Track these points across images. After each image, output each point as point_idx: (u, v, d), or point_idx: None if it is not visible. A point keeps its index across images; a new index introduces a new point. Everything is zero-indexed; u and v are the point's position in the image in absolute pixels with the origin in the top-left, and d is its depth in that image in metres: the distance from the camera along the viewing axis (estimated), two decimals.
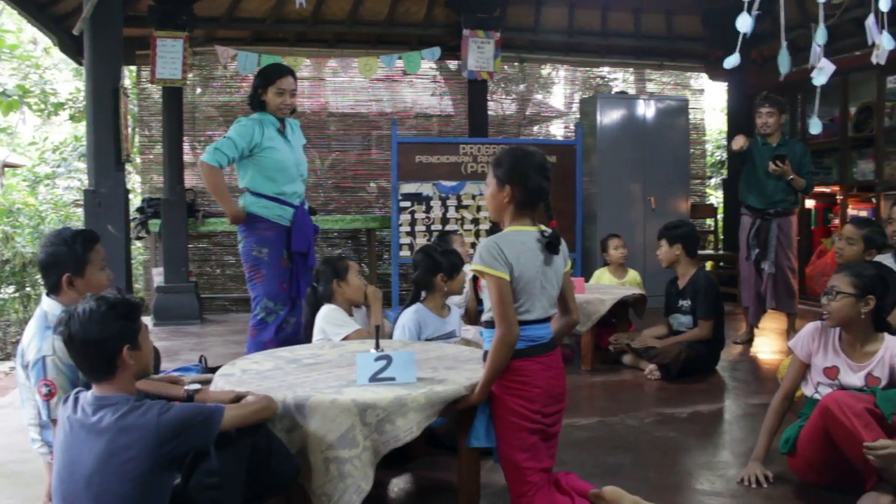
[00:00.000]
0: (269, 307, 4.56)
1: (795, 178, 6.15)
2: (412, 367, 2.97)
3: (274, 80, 4.57)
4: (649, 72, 10.59)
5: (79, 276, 3.06)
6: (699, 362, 5.42)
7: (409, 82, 9.59)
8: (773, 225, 6.30)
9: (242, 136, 4.48)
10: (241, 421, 2.52)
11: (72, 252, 3.04)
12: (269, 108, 4.60)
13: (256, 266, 4.57)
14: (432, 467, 3.71)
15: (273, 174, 4.58)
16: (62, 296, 3.06)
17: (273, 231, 4.57)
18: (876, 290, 3.27)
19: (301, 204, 4.72)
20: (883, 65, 5.07)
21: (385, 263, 9.19)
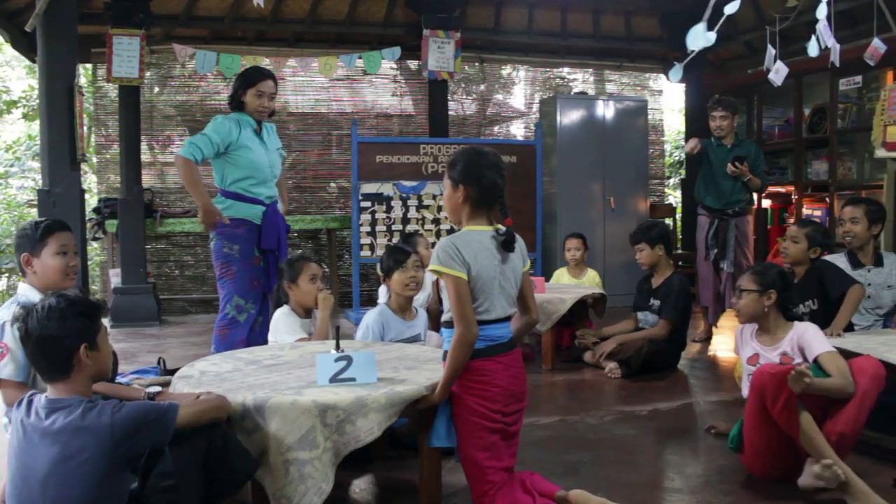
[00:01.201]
0: (240, 305, 4.54)
1: (752, 178, 6.27)
2: (373, 368, 2.96)
3: (254, 83, 4.60)
4: (608, 72, 10.67)
5: (35, 257, 3.16)
6: (660, 359, 5.48)
7: (369, 82, 9.56)
8: (732, 224, 6.40)
9: (219, 133, 4.50)
10: (195, 418, 2.50)
11: (32, 234, 3.17)
12: (248, 109, 4.64)
13: (227, 263, 4.56)
14: (394, 468, 3.70)
15: (247, 174, 4.58)
16: (27, 277, 3.19)
17: (244, 228, 4.58)
18: (776, 286, 3.59)
19: (273, 203, 4.73)
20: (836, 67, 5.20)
21: (346, 264, 9.15)
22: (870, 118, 6.54)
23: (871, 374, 3.27)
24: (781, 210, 8.82)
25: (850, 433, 3.24)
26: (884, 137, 6.17)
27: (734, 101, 6.58)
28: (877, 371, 3.30)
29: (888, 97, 6.10)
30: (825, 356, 3.38)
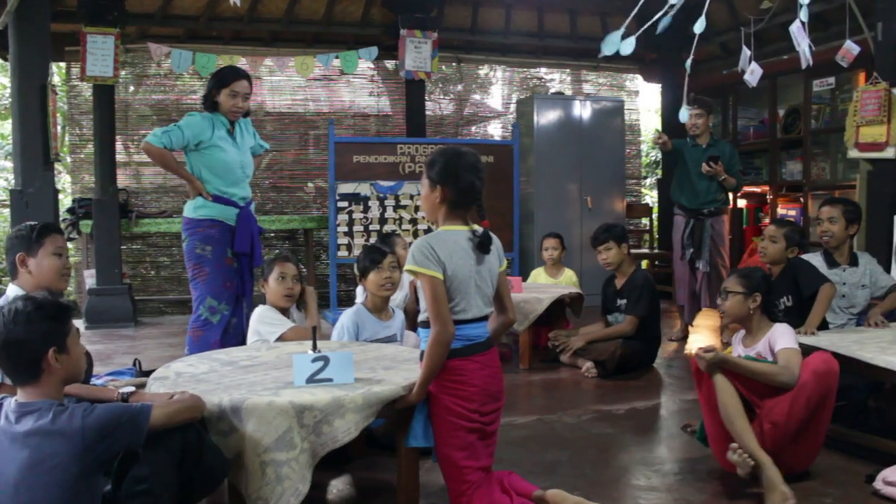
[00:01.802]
0: (213, 306, 4.51)
1: (727, 177, 6.31)
2: (350, 368, 2.95)
3: (228, 83, 4.56)
4: (585, 73, 10.71)
5: (31, 257, 3.20)
6: (635, 359, 5.51)
7: (346, 82, 9.53)
8: (707, 224, 6.44)
9: (190, 128, 4.47)
10: (169, 419, 2.48)
11: (27, 235, 3.23)
12: (222, 109, 4.59)
13: (200, 264, 4.52)
14: (371, 468, 3.70)
15: (219, 174, 4.55)
16: (19, 278, 3.22)
17: (217, 229, 4.54)
18: (761, 289, 3.64)
19: (247, 204, 4.69)
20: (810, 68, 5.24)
21: (323, 264, 9.12)
22: (843, 119, 6.60)
23: (812, 369, 3.32)
24: (757, 210, 8.89)
25: (781, 423, 3.28)
26: (856, 138, 6.24)
27: (709, 100, 6.62)
28: (819, 366, 3.34)
29: (860, 98, 6.17)
30: (781, 351, 3.43)
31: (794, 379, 3.30)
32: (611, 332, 5.56)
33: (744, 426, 3.26)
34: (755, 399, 3.35)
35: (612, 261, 5.65)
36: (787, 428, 3.29)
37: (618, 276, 5.73)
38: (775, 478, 3.14)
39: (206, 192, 4.51)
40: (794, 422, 3.29)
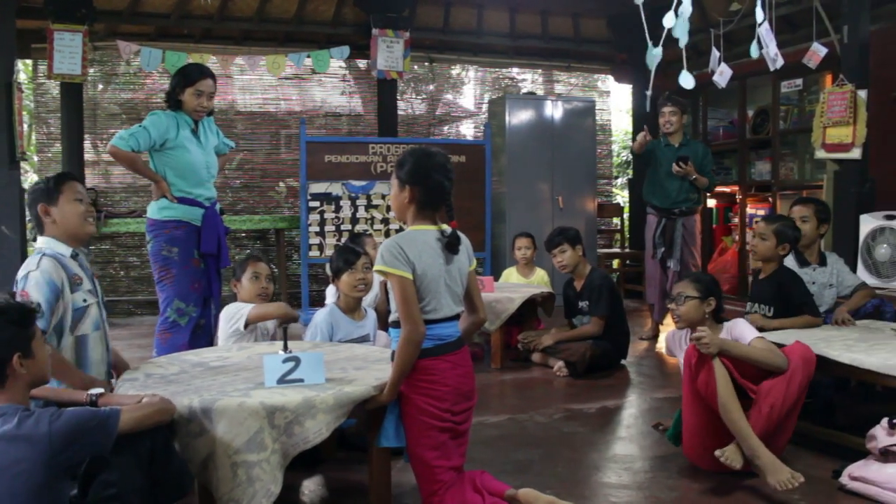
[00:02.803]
0: (181, 308, 4.45)
1: (698, 177, 6.37)
2: (321, 368, 2.95)
3: (193, 81, 4.49)
4: (557, 73, 10.75)
5: (53, 205, 3.24)
6: (606, 359, 5.54)
7: (318, 81, 9.49)
8: (679, 224, 6.49)
9: (156, 128, 4.39)
10: (138, 423, 2.45)
11: (46, 185, 3.27)
12: (186, 108, 4.52)
13: (166, 266, 4.45)
14: (343, 468, 3.69)
15: (183, 175, 4.49)
16: (46, 229, 3.26)
17: (183, 230, 4.47)
18: (715, 293, 3.75)
19: (212, 205, 4.64)
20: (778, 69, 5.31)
21: (294, 264, 9.08)
22: (810, 120, 6.68)
23: (799, 355, 3.45)
24: (726, 209, 8.98)
25: (778, 405, 3.36)
26: (823, 139, 6.32)
27: (684, 100, 6.65)
28: (804, 353, 3.48)
29: (827, 100, 6.25)
30: (756, 341, 3.52)
31: (786, 362, 3.42)
32: (579, 333, 5.59)
33: (740, 413, 3.31)
34: (750, 384, 3.41)
35: (568, 263, 5.68)
36: (781, 410, 3.37)
37: (576, 279, 5.77)
38: (774, 460, 3.21)
39: (170, 194, 4.45)
40: (788, 403, 3.38)
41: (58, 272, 3.10)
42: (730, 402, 3.32)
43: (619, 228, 10.34)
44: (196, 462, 2.68)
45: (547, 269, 6.79)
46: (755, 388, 3.41)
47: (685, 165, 6.28)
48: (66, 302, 3.11)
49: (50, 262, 3.09)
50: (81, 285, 3.23)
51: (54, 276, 3.06)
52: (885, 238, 5.59)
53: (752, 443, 3.26)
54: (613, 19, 9.54)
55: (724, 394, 3.33)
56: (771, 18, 4.81)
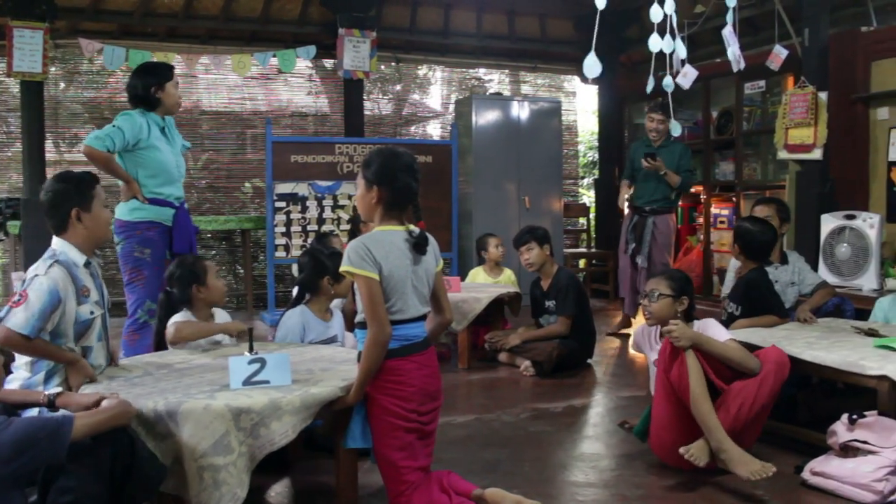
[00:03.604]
0: (152, 309, 4.38)
1: (669, 173, 6.50)
2: (287, 370, 2.93)
3: (171, 76, 4.51)
4: (524, 74, 10.79)
5: (86, 211, 3.20)
6: (572, 358, 5.57)
7: (284, 81, 9.43)
8: (649, 222, 6.63)
9: (131, 128, 4.34)
10: (94, 429, 2.40)
11: (78, 189, 3.20)
12: (167, 105, 4.51)
13: (138, 267, 4.40)
14: (310, 470, 3.67)
15: (155, 174, 4.45)
16: (70, 233, 3.19)
17: (155, 231, 4.43)
18: (688, 292, 3.78)
19: (181, 204, 4.61)
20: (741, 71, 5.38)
21: (260, 265, 9.02)
22: (773, 121, 6.76)
23: (773, 360, 3.49)
24: (691, 209, 9.05)
25: (747, 407, 3.41)
26: (786, 139, 6.41)
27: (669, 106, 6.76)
28: (779, 358, 3.52)
29: (789, 101, 6.34)
30: (729, 342, 3.54)
31: (759, 365, 3.46)
32: (546, 333, 5.62)
33: (710, 407, 3.35)
34: (722, 383, 3.45)
35: (534, 261, 5.72)
36: (749, 412, 3.41)
37: (543, 278, 5.80)
38: (742, 453, 3.26)
39: (142, 195, 4.40)
40: (758, 406, 3.42)
41: (65, 283, 3.02)
42: (701, 395, 3.35)
43: (585, 228, 10.40)
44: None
45: (514, 269, 6.82)
46: (726, 386, 3.45)
47: (653, 161, 6.43)
48: (69, 313, 3.04)
49: (60, 272, 3.02)
50: (89, 297, 3.16)
51: (60, 287, 2.98)
52: (845, 237, 5.68)
53: (720, 436, 3.29)
54: (580, 20, 9.59)
55: (696, 386, 3.36)
56: (734, 21, 4.86)
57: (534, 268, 5.76)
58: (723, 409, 3.41)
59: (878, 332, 4.00)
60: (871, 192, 6.36)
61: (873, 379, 3.40)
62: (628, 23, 9.09)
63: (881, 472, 3.16)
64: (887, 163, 6.19)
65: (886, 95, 6.24)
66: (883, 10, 7.09)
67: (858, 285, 5.54)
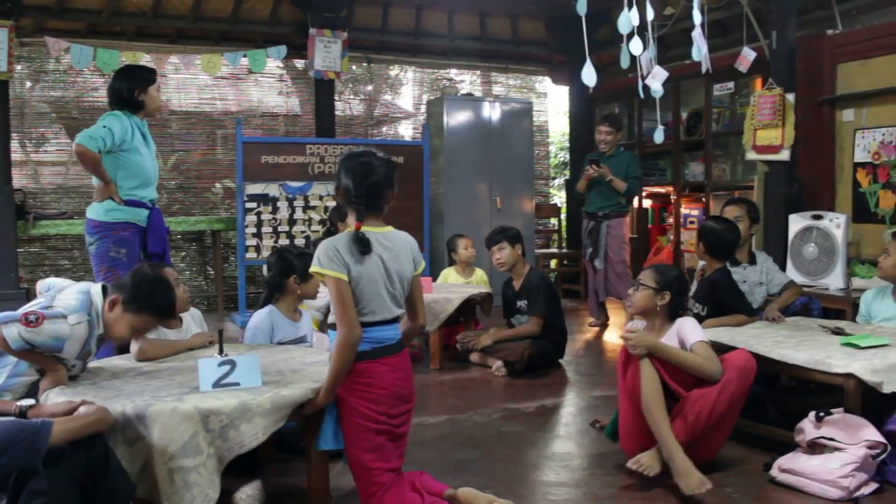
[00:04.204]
0: None
1: (614, 179, 6.90)
2: (257, 372, 2.91)
3: (154, 79, 4.52)
4: (495, 74, 10.81)
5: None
6: (544, 358, 5.59)
7: (254, 81, 9.37)
8: (604, 226, 7.04)
9: (119, 129, 4.35)
10: (71, 435, 2.39)
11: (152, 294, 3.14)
12: (150, 107, 4.53)
13: (113, 268, 4.38)
14: (282, 472, 3.66)
15: (133, 176, 4.45)
16: (116, 319, 3.09)
17: (130, 232, 4.45)
18: (672, 288, 3.69)
19: (154, 205, 4.63)
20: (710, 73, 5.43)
21: (231, 266, 8.96)
22: (741, 122, 6.83)
23: (736, 367, 3.47)
24: (661, 210, 9.12)
25: (705, 415, 3.39)
26: (754, 141, 6.48)
27: (620, 118, 7.39)
28: (744, 364, 3.50)
29: (757, 103, 6.41)
30: (696, 344, 3.53)
31: (719, 371, 3.43)
32: (518, 333, 5.64)
33: (662, 415, 3.35)
34: (680, 389, 3.45)
35: (506, 261, 5.74)
36: (708, 420, 3.41)
37: (514, 278, 5.83)
38: (687, 465, 3.25)
39: (118, 196, 4.39)
40: (716, 414, 3.41)
41: (76, 341, 2.94)
42: (653, 403, 3.35)
43: (556, 229, 10.44)
44: (134, 470, 2.64)
45: (485, 270, 6.83)
46: (685, 393, 3.45)
47: (598, 168, 6.83)
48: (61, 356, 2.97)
49: (82, 332, 2.94)
50: (81, 358, 3.09)
51: (69, 342, 2.90)
52: (812, 237, 5.75)
53: (670, 444, 3.30)
54: (551, 21, 9.64)
55: (647, 394, 3.37)
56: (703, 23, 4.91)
57: (505, 268, 5.78)
58: (680, 417, 3.41)
59: (844, 331, 4.05)
60: (837, 192, 6.45)
61: (840, 377, 3.45)
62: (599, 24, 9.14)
63: (847, 469, 3.20)
64: (853, 164, 6.29)
65: (851, 97, 6.34)
66: (848, 13, 7.21)
67: (825, 284, 5.61)
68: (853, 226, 6.06)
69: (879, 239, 5.95)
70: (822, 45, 6.55)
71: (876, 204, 6.12)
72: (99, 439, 2.50)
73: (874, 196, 6.14)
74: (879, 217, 6.09)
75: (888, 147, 6.00)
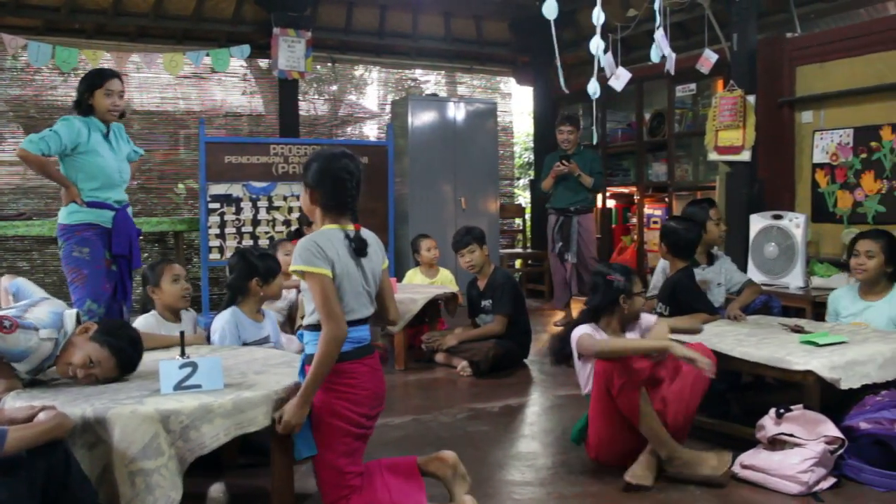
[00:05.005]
0: (92, 309, 4.36)
1: (583, 175, 7.05)
2: (219, 374, 2.88)
3: (101, 83, 4.44)
4: (460, 75, 10.82)
5: None
6: (509, 358, 5.60)
7: (217, 80, 9.28)
8: (574, 221, 7.15)
9: (68, 133, 4.32)
10: (28, 443, 2.34)
11: None
12: (98, 111, 4.46)
13: (78, 267, 4.38)
14: (246, 474, 3.63)
15: (94, 178, 4.42)
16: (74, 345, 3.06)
17: (92, 231, 4.42)
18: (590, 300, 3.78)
19: (123, 207, 4.58)
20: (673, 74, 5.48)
21: (194, 267, 8.87)
22: (703, 123, 6.91)
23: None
24: (625, 210, 9.19)
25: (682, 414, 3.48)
26: (716, 141, 6.55)
27: (579, 117, 7.50)
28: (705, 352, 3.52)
29: (719, 104, 6.48)
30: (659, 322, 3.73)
31: (667, 348, 3.42)
32: (482, 332, 5.65)
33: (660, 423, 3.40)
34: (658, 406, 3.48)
35: (476, 263, 5.76)
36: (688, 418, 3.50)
37: (479, 278, 5.84)
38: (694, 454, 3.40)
39: (80, 198, 4.37)
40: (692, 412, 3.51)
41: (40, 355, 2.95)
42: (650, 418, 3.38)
43: (521, 229, 10.47)
44: (94, 475, 2.60)
45: (450, 270, 6.84)
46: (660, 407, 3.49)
47: (567, 163, 6.97)
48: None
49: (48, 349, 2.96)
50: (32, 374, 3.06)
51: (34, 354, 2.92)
52: (773, 237, 5.82)
53: (672, 445, 3.38)
54: (515, 22, 9.67)
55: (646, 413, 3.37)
56: (666, 25, 4.95)
57: (475, 269, 5.79)
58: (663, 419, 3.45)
59: (804, 329, 4.11)
60: (797, 192, 6.54)
61: (799, 374, 3.50)
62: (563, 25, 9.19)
63: (807, 464, 3.25)
64: (812, 164, 6.39)
65: (810, 99, 6.43)
66: (806, 17, 7.32)
67: (785, 283, 5.69)
68: (812, 225, 6.15)
69: (838, 238, 6.05)
70: (782, 47, 6.65)
71: (834, 204, 6.22)
72: (59, 445, 2.46)
73: (832, 196, 6.23)
74: (837, 217, 6.19)
75: (845, 148, 6.10)
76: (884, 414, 3.38)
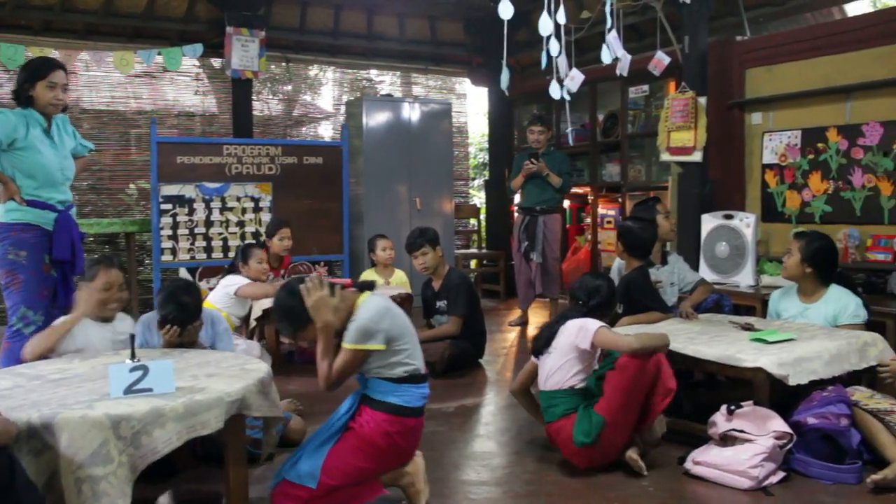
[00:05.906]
0: (27, 316, 4.18)
1: (551, 175, 7.09)
2: (170, 377, 2.83)
3: (45, 74, 4.23)
4: (415, 75, 10.82)
5: None
6: (464, 358, 5.61)
7: (170, 79, 9.18)
8: (540, 221, 7.21)
9: (3, 127, 4.12)
10: None
11: None
12: (39, 104, 4.26)
13: (13, 271, 4.18)
14: (199, 479, 3.58)
15: (34, 176, 4.24)
16: None
17: (31, 234, 4.22)
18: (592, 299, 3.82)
19: (66, 209, 4.40)
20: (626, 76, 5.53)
21: (146, 269, 8.74)
22: (656, 124, 6.98)
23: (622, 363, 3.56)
24: (579, 210, 9.26)
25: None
26: (668, 142, 6.63)
27: (549, 118, 7.64)
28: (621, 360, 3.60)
29: (671, 105, 6.57)
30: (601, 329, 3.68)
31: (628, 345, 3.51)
32: (437, 333, 5.65)
33: None
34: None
35: (430, 265, 5.75)
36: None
37: (434, 279, 5.84)
38: None
39: (20, 196, 4.19)
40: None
41: None
42: None
43: (476, 229, 10.50)
44: (40, 482, 2.53)
45: (406, 271, 6.82)
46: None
47: (537, 161, 7.01)
48: None
49: None
50: None
51: None
52: (724, 236, 5.91)
53: None
54: (470, 23, 9.69)
55: None
56: (619, 27, 5.00)
57: (429, 271, 5.78)
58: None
59: (754, 327, 4.18)
60: (747, 192, 6.65)
61: (749, 371, 3.56)
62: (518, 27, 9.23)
63: (757, 459, 3.31)
64: (762, 165, 6.50)
65: (759, 101, 6.54)
66: (755, 21, 7.45)
67: (736, 282, 5.78)
68: (762, 225, 6.27)
69: (787, 237, 6.15)
70: (732, 50, 6.76)
71: (783, 204, 6.34)
72: (3, 452, 2.40)
73: (781, 196, 6.35)
74: (786, 216, 6.31)
75: (793, 149, 6.22)
76: (830, 409, 3.45)
